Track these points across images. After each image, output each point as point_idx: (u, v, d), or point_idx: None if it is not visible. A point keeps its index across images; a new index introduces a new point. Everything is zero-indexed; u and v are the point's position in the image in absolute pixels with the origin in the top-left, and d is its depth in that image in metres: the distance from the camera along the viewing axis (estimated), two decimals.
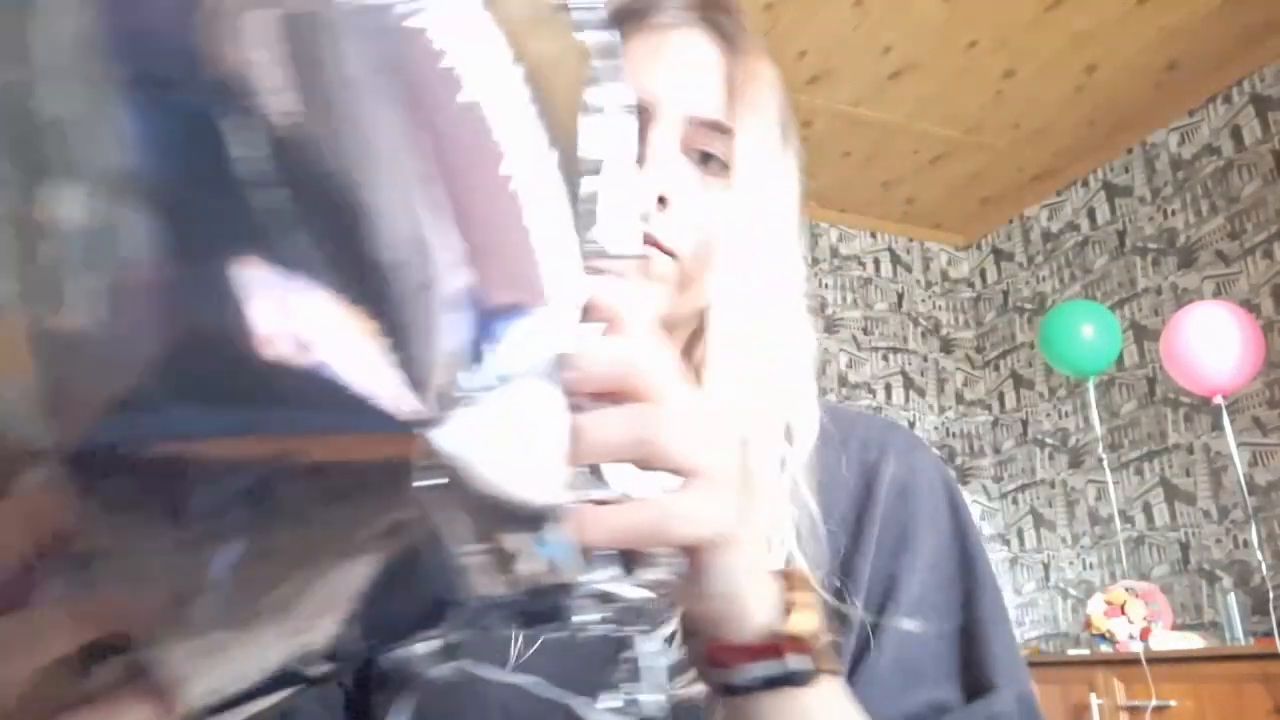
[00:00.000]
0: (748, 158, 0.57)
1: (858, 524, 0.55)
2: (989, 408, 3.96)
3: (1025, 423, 3.76)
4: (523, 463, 0.24)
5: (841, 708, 0.39)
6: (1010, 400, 3.86)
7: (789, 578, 0.40)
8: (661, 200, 0.54)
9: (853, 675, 0.51)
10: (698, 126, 0.56)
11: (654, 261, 0.55)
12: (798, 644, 0.37)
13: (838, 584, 0.53)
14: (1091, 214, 3.56)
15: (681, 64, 0.57)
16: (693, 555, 0.34)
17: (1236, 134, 3.04)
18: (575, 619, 0.29)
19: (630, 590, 0.31)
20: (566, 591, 0.28)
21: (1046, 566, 3.57)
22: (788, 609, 0.38)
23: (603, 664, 0.36)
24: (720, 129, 0.56)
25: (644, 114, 0.55)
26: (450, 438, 0.22)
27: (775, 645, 0.37)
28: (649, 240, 0.54)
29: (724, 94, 0.57)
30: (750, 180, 0.57)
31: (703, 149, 0.57)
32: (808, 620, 0.38)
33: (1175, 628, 2.71)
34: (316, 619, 0.23)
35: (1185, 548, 3.03)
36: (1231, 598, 2.59)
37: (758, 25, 0.63)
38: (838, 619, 0.52)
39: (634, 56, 0.56)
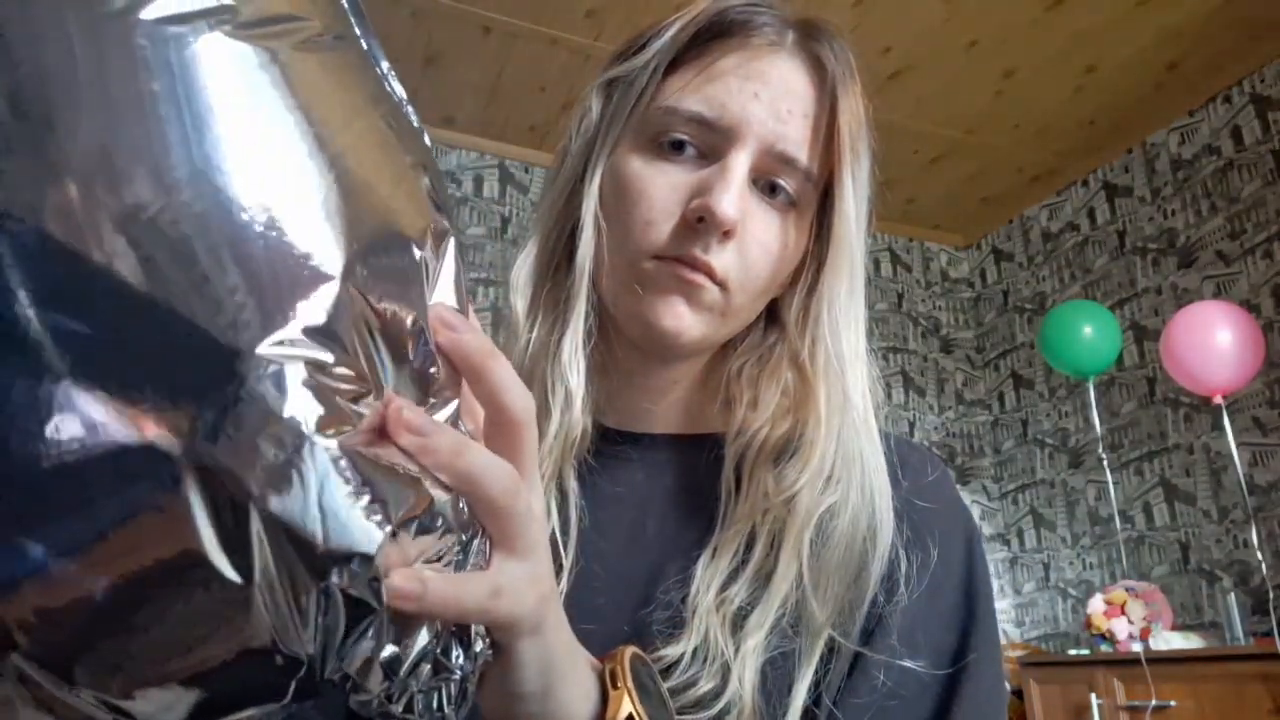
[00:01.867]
0: (847, 213, 0.56)
1: (886, 597, 0.54)
2: (989, 408, 3.96)
3: (1025, 423, 3.76)
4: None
5: None
6: (1010, 400, 3.86)
7: (610, 661, 0.40)
8: (727, 233, 0.53)
9: (841, 689, 0.51)
10: (775, 157, 0.55)
11: (704, 291, 0.54)
12: None
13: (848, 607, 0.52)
14: (1091, 214, 3.56)
15: (773, 92, 0.55)
16: (507, 641, 0.33)
17: (1236, 134, 3.04)
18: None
19: (452, 666, 0.30)
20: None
21: (1046, 566, 3.57)
22: (606, 698, 0.38)
23: None
24: (796, 166, 0.55)
25: (726, 134, 0.54)
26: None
27: None
28: (704, 269, 0.53)
29: (809, 131, 0.55)
30: (848, 235, 0.56)
31: (773, 179, 0.55)
32: (626, 705, 0.38)
33: (1175, 628, 2.71)
34: None
35: (1185, 548, 3.03)
36: (1231, 598, 2.59)
37: None
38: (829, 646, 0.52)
39: (726, 72, 0.55)
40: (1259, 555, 2.64)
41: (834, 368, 0.56)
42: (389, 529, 0.26)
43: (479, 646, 0.32)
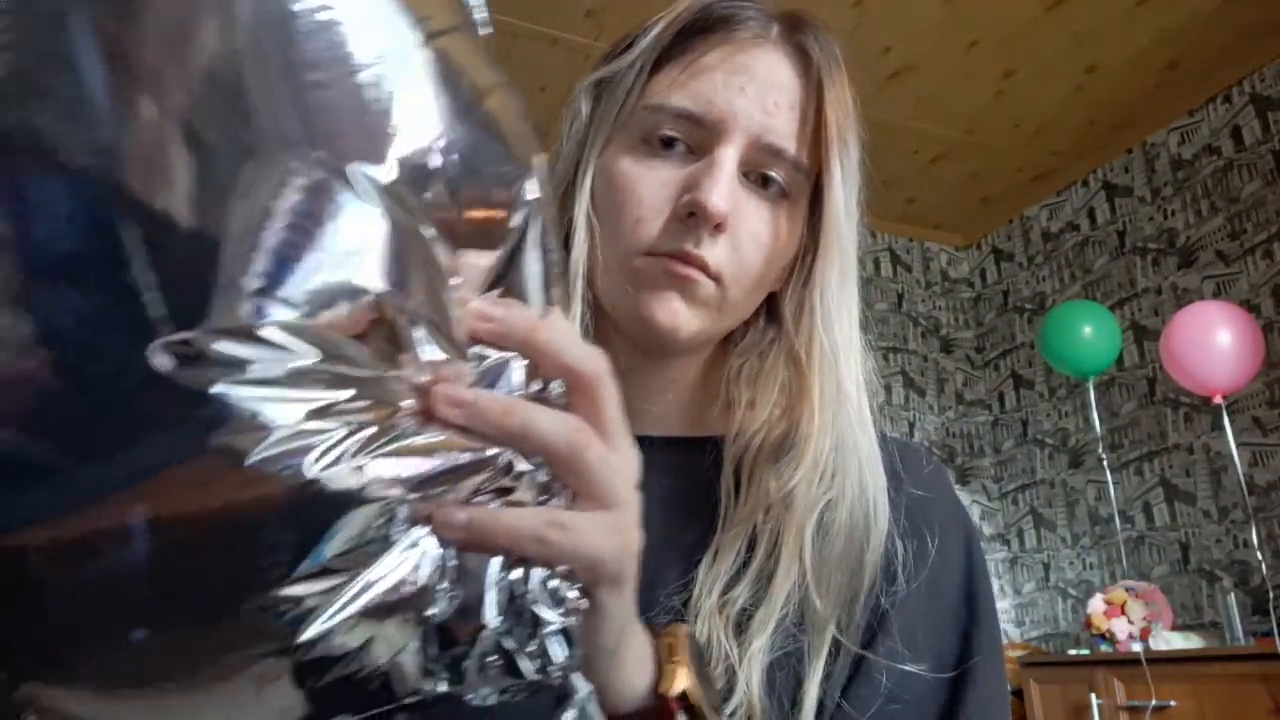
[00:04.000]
0: (836, 201, 0.56)
1: (889, 594, 0.54)
2: (989, 408, 3.96)
3: (1025, 423, 3.76)
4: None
5: None
6: (1010, 400, 3.86)
7: (668, 635, 0.40)
8: (718, 226, 0.53)
9: (843, 692, 0.51)
10: (763, 150, 0.55)
11: (699, 285, 0.54)
12: (682, 704, 0.38)
13: (848, 609, 0.52)
14: (1091, 214, 3.56)
15: (759, 85, 0.55)
16: (591, 588, 0.33)
17: (1236, 134, 3.04)
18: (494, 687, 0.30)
19: (546, 614, 0.31)
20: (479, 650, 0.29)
21: (1046, 566, 3.57)
22: (663, 667, 0.39)
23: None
24: (785, 157, 0.55)
25: (714, 128, 0.54)
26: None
27: (660, 708, 0.38)
28: (697, 263, 0.53)
29: (796, 122, 0.55)
30: (838, 224, 0.56)
31: (764, 172, 0.55)
32: (683, 679, 0.38)
33: (1175, 628, 2.71)
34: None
35: (1185, 548, 3.03)
36: (1231, 598, 2.59)
37: None
38: (835, 646, 0.52)
39: (711, 68, 0.55)
40: (1259, 555, 2.64)
41: (828, 359, 0.56)
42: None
43: (570, 594, 0.32)
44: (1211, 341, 2.49)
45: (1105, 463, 3.17)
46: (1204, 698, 2.22)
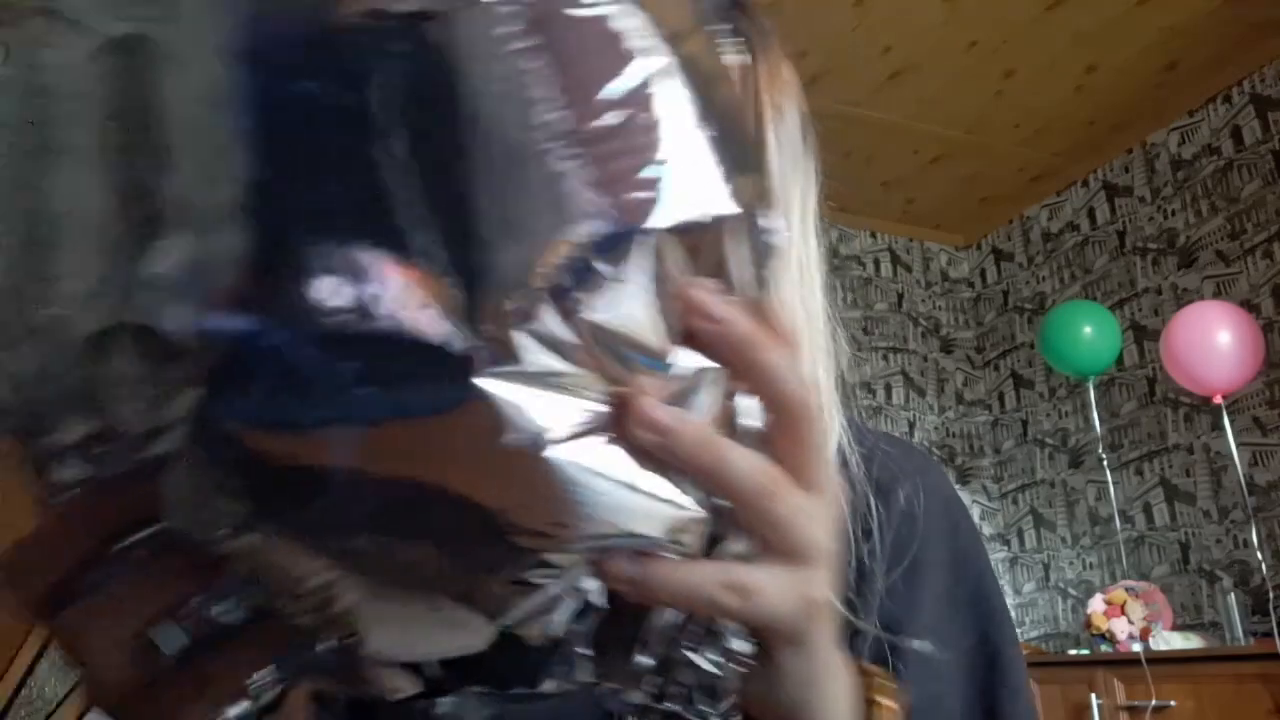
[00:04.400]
0: (770, 169, 0.55)
1: (867, 549, 0.53)
2: (989, 408, 3.96)
3: (1025, 423, 3.76)
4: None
5: None
6: (1010, 400, 3.86)
7: (869, 678, 0.36)
8: None
9: None
10: None
11: None
12: None
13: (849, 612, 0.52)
14: (1091, 214, 3.56)
15: None
16: (767, 644, 0.31)
17: (1236, 134, 3.04)
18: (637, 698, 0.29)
19: (702, 662, 0.29)
20: (628, 669, 0.28)
21: (1046, 566, 3.57)
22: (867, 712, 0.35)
23: None
24: None
25: None
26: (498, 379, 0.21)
27: None
28: None
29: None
30: (778, 189, 0.56)
31: None
32: None
33: (1175, 628, 2.71)
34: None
35: (1185, 548, 3.03)
36: (1231, 598, 2.60)
37: None
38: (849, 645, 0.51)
39: None
40: (1259, 555, 2.64)
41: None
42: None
43: (736, 645, 0.30)
44: (1211, 341, 2.49)
45: (1105, 463, 3.18)
46: (1204, 698, 2.22)
